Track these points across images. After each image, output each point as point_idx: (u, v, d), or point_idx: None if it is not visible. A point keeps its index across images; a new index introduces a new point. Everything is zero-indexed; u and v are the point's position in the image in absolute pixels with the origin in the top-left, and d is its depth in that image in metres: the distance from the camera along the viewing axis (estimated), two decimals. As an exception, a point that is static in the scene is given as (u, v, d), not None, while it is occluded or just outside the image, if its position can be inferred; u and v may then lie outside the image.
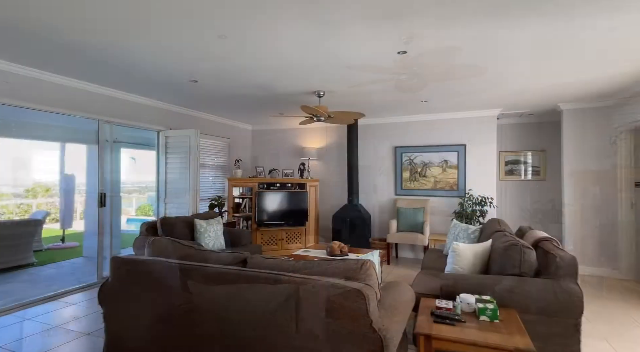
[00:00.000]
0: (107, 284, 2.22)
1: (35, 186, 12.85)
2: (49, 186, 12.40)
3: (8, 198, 12.61)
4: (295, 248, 5.58)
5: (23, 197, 12.56)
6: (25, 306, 3.35)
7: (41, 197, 12.33)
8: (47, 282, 4.54)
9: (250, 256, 2.14)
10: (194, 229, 3.85)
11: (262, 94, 4.24)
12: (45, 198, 12.11)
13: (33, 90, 3.36)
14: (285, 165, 6.56)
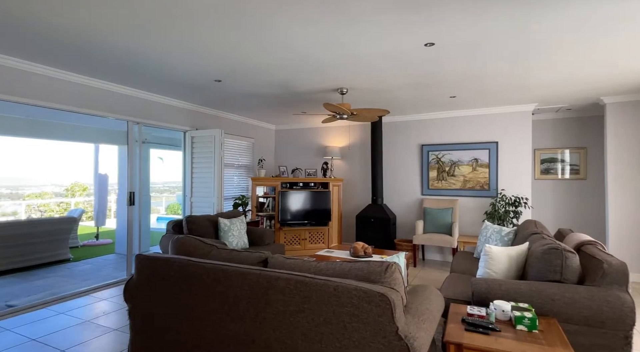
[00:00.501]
0: (132, 281, 2.24)
1: (73, 185, 13.59)
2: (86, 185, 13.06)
3: (50, 197, 13.42)
4: (318, 248, 5.52)
5: (63, 195, 13.32)
6: (61, 300, 3.50)
7: (79, 196, 13.01)
8: (81, 277, 4.74)
9: (271, 256, 2.10)
10: (218, 227, 3.88)
11: (284, 93, 4.21)
12: (83, 197, 12.76)
13: (66, 92, 3.50)
14: (308, 164, 6.52)
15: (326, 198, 5.53)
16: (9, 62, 3.03)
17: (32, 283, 4.39)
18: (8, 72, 3.05)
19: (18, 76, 3.12)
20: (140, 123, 4.31)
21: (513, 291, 2.24)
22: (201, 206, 4.76)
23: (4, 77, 3.03)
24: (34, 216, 10.80)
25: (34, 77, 3.23)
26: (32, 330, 2.77)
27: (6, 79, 3.04)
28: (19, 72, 3.13)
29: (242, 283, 1.84)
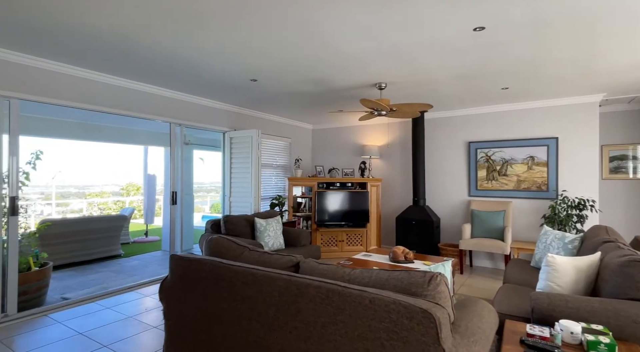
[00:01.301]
0: (167, 281, 2.24)
1: (128, 185, 14.61)
2: (139, 185, 13.97)
3: (108, 196, 14.53)
4: (356, 251, 5.33)
5: (119, 195, 14.37)
6: (109, 295, 3.66)
7: (133, 195, 13.94)
8: (129, 272, 4.98)
9: (303, 260, 1.97)
10: (254, 227, 3.86)
11: (320, 90, 4.09)
12: (137, 196, 13.67)
13: (114, 96, 3.66)
14: (345, 164, 6.35)
15: (364, 199, 5.33)
16: (63, 69, 3.22)
17: (86, 277, 4.69)
18: (63, 78, 3.24)
19: (71, 82, 3.31)
20: (182, 125, 4.43)
21: (583, 309, 1.91)
22: (239, 205, 4.79)
23: (60, 83, 3.22)
24: (94, 213, 11.76)
25: (85, 83, 3.41)
26: (80, 324, 2.91)
27: (61, 85, 3.24)
28: (73, 78, 3.32)
29: (272, 289, 1.74)
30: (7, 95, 2.89)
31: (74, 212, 11.44)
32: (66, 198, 12.73)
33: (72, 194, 13.41)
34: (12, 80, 2.92)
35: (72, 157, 11.49)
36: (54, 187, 11.84)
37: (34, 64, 3.04)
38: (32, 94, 3.03)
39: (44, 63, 3.09)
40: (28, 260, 3.52)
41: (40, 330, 2.77)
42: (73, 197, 13.06)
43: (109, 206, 12.88)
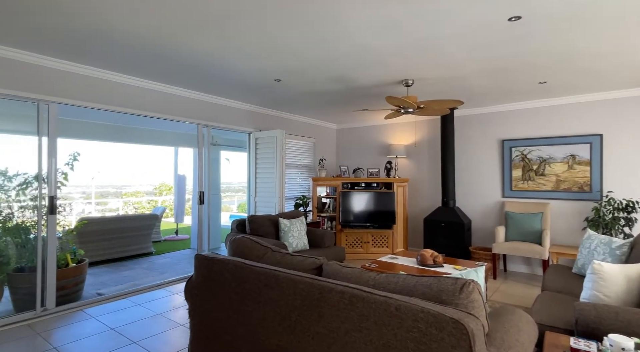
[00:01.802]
0: (192, 280, 2.25)
1: (160, 185, 15.20)
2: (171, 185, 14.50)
3: (142, 195, 15.19)
4: (382, 253, 5.21)
5: (153, 194, 14.99)
6: (140, 292, 3.78)
7: (165, 195, 14.48)
8: (160, 270, 5.14)
9: (326, 263, 1.91)
10: (278, 227, 3.85)
11: (344, 89, 4.01)
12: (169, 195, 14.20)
13: (144, 99, 3.78)
14: (370, 164, 6.23)
15: (390, 199, 5.20)
16: (97, 73, 3.35)
17: (119, 273, 4.88)
18: (97, 83, 3.38)
19: (105, 86, 3.44)
20: (209, 126, 4.50)
21: (636, 323, 1.72)
22: (264, 205, 4.81)
23: (94, 87, 3.36)
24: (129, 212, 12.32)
25: (117, 86, 3.54)
26: (112, 319, 3.01)
27: (96, 89, 3.37)
28: (106, 82, 3.45)
29: (294, 292, 1.69)
30: (46, 99, 3.04)
31: (112, 210, 12.14)
32: (105, 197, 13.46)
33: (110, 194, 14.17)
34: (50, 85, 3.07)
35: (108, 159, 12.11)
36: (93, 187, 12.58)
37: (70, 69, 3.18)
38: (68, 98, 3.18)
39: (80, 68, 3.23)
40: (66, 256, 3.70)
41: (76, 324, 2.89)
42: (111, 197, 13.78)
43: (142, 205, 13.47)
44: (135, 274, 4.85)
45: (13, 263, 3.43)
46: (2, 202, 3.56)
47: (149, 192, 15.39)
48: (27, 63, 2.92)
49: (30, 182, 3.45)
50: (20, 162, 3.63)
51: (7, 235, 3.48)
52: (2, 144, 3.62)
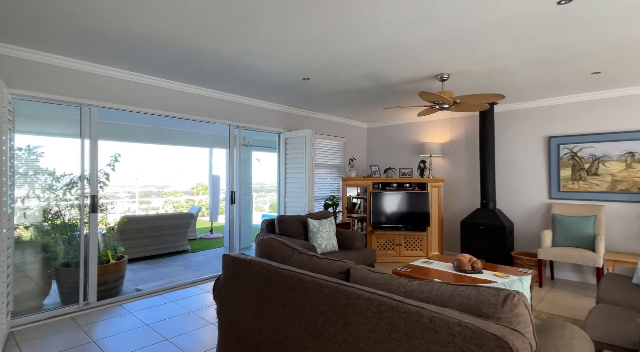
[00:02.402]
0: (220, 280, 2.25)
1: (197, 185, 15.82)
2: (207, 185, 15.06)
3: (180, 195, 15.89)
4: (415, 256, 5.00)
5: (190, 194, 15.65)
6: (174, 289, 3.89)
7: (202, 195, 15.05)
8: (194, 267, 5.29)
9: (354, 267, 1.82)
10: (307, 228, 3.80)
11: (374, 86, 3.88)
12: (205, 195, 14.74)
13: (178, 101, 3.89)
14: (402, 163, 6.02)
15: (424, 200, 4.98)
16: (134, 77, 3.49)
17: (157, 270, 5.08)
18: (134, 86, 3.52)
19: (142, 89, 3.58)
20: (239, 127, 4.56)
21: None
22: (294, 205, 4.79)
23: (132, 91, 3.50)
24: (169, 211, 12.93)
25: (153, 89, 3.67)
26: (147, 315, 3.10)
27: (133, 92, 3.51)
28: (143, 85, 3.58)
29: (320, 297, 1.62)
30: (87, 103, 3.20)
31: (154, 209, 12.82)
32: (148, 196, 14.25)
33: (153, 193, 15.00)
34: (91, 89, 3.23)
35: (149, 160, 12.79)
36: (137, 186, 13.37)
37: (108, 73, 3.33)
38: (108, 102, 3.33)
39: (117, 72, 3.38)
40: (107, 253, 3.89)
41: (114, 319, 3.01)
42: (154, 196, 14.56)
43: (181, 204, 14.10)
44: (172, 271, 5.02)
45: (60, 258, 3.66)
46: (50, 200, 3.82)
47: (187, 192, 16.11)
48: (70, 69, 3.09)
49: (75, 182, 3.67)
50: (67, 164, 3.88)
51: (55, 232, 3.73)
52: (51, 147, 3.89)
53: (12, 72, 2.77)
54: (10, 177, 2.64)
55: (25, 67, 2.83)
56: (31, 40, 2.65)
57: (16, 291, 3.13)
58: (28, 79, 2.85)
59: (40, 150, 3.65)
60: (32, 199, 3.75)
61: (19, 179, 3.60)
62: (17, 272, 3.32)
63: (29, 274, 3.54)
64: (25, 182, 3.63)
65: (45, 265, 3.66)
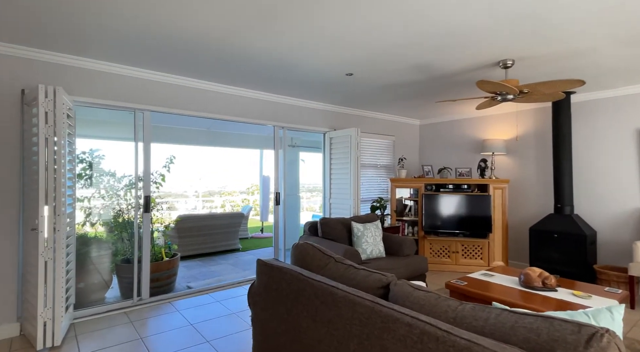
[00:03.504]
0: (254, 286, 2.16)
1: (251, 185, 16.47)
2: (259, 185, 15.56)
3: (237, 195, 16.66)
4: (475, 266, 4.52)
5: (246, 194, 16.36)
6: (221, 288, 3.94)
7: (256, 194, 15.62)
8: (243, 266, 5.38)
9: (395, 282, 1.59)
10: (351, 232, 3.60)
11: (425, 78, 3.54)
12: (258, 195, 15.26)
13: (227, 103, 3.94)
14: (459, 163, 5.51)
15: (485, 203, 4.47)
16: (183, 82, 3.60)
17: (208, 268, 5.25)
18: (183, 90, 3.63)
19: (190, 93, 3.68)
20: (284, 127, 4.51)
21: None
22: (339, 207, 4.62)
23: (181, 95, 3.61)
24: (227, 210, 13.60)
25: (201, 93, 3.76)
26: (193, 314, 3.16)
27: (182, 96, 3.63)
28: (191, 90, 3.69)
29: (352, 315, 1.42)
30: (140, 107, 3.37)
31: (214, 208, 13.65)
32: (212, 195, 15.21)
33: (215, 193, 15.99)
34: (143, 94, 3.39)
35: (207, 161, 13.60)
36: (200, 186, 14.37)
37: (159, 79, 3.47)
38: (159, 106, 3.47)
39: (167, 77, 3.50)
40: (161, 251, 4.08)
41: (162, 317, 3.10)
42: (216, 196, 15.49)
43: (237, 203, 14.79)
44: (222, 269, 5.16)
45: (120, 255, 3.93)
46: (113, 200, 4.12)
47: (242, 192, 16.88)
48: (124, 75, 3.26)
49: (133, 183, 3.91)
50: (126, 166, 4.15)
51: (117, 229, 4.01)
52: (112, 150, 4.20)
53: (72, 80, 2.99)
54: (71, 178, 2.85)
55: (83, 75, 3.05)
56: (88, 49, 2.83)
57: (81, 285, 3.40)
58: (86, 86, 3.06)
59: (101, 153, 3.96)
60: (97, 199, 4.08)
61: (87, 180, 3.93)
62: (82, 266, 3.61)
63: (93, 269, 3.85)
64: (90, 184, 3.96)
65: (107, 260, 3.96)
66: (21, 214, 2.73)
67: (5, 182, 2.68)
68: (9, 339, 2.62)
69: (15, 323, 2.67)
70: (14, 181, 2.71)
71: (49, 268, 2.43)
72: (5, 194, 2.68)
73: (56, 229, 2.47)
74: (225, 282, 4.14)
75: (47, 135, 2.44)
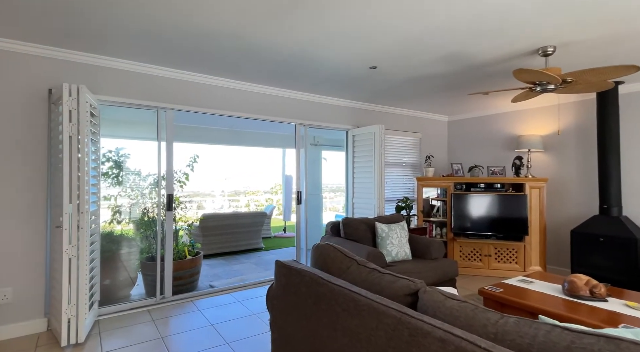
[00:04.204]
0: (272, 288, 2.07)
1: (275, 185, 16.57)
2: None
3: (261, 194, 16.83)
4: (509, 271, 4.22)
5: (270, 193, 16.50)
6: (243, 288, 3.90)
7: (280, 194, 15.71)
8: (265, 266, 5.34)
9: (424, 289, 1.44)
10: (375, 233, 3.44)
11: (455, 69, 3.32)
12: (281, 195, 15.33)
13: (247, 102, 3.89)
14: (491, 160, 5.19)
15: (520, 204, 4.17)
16: (204, 80, 3.58)
17: (231, 267, 5.25)
18: (203, 88, 3.61)
19: (211, 91, 3.66)
20: (305, 125, 4.42)
21: None
22: (362, 207, 4.46)
23: (199, 93, 3.60)
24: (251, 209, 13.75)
25: (222, 91, 3.73)
26: (214, 314, 3.12)
27: (201, 94, 3.61)
28: (212, 87, 3.66)
29: (377, 326, 1.28)
30: (162, 106, 3.37)
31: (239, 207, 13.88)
32: (238, 195, 15.46)
33: (241, 192, 16.26)
34: (165, 93, 3.39)
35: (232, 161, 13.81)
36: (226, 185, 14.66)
37: (180, 77, 3.46)
38: (181, 104, 3.47)
39: (189, 76, 3.49)
40: (184, 249, 4.10)
41: (184, 316, 3.08)
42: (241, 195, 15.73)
43: (261, 202, 14.92)
44: (244, 269, 5.14)
45: (145, 252, 3.97)
46: (138, 198, 4.18)
47: (266, 191, 17.04)
48: (147, 74, 3.27)
49: (158, 182, 3.94)
50: (151, 165, 4.20)
51: (142, 227, 4.06)
52: (138, 149, 4.26)
53: (97, 79, 3.03)
54: (95, 176, 2.88)
55: (108, 74, 3.08)
56: (112, 48, 2.85)
57: (106, 281, 3.45)
58: (110, 85, 3.09)
59: (126, 151, 4.02)
60: (124, 197, 4.15)
61: (114, 179, 4.00)
62: (109, 263, 3.67)
63: (120, 266, 3.91)
64: (117, 183, 4.03)
65: (134, 258, 4.02)
66: (49, 211, 2.79)
67: (35, 180, 2.75)
68: (37, 334, 2.68)
69: (43, 318, 2.73)
70: (42, 179, 2.77)
71: (73, 265, 2.46)
72: (34, 191, 2.74)
73: (80, 227, 2.49)
74: (247, 282, 4.10)
75: (71, 133, 2.47)
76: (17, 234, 2.67)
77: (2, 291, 2.60)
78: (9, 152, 2.66)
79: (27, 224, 2.71)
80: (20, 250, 2.68)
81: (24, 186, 2.71)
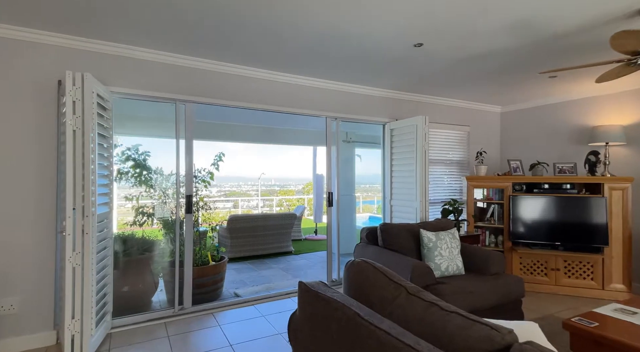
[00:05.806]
0: (295, 316, 1.65)
1: (307, 184, 16.31)
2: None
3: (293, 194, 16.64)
4: (582, 288, 3.51)
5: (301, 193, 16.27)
6: (269, 299, 3.53)
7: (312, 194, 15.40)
8: (295, 272, 4.96)
9: (518, 347, 0.94)
10: (420, 242, 2.92)
11: (521, 43, 2.72)
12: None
13: (273, 93, 3.52)
14: (557, 156, 4.44)
15: (597, 208, 3.45)
16: (225, 68, 3.25)
17: (259, 272, 4.93)
18: (222, 77, 3.28)
19: (232, 82, 3.32)
20: (337, 118, 3.97)
21: None
22: (402, 210, 3.94)
23: (221, 84, 3.27)
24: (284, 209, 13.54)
25: (243, 81, 3.38)
26: (234, 332, 2.77)
27: (223, 86, 3.28)
28: (233, 77, 3.33)
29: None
30: (181, 99, 3.08)
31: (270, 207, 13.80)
32: (272, 194, 15.40)
33: (275, 191, 16.19)
34: (184, 84, 3.09)
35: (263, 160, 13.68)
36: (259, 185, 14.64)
37: (200, 66, 3.15)
38: (200, 96, 3.16)
39: (208, 64, 3.17)
40: (207, 254, 3.80)
41: (201, 332, 2.76)
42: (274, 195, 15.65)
43: (293, 202, 14.70)
44: (272, 274, 4.80)
45: (167, 257, 3.72)
46: (161, 199, 3.95)
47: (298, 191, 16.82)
48: (162, 63, 2.99)
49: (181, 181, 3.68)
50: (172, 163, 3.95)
51: (165, 229, 3.82)
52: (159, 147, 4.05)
53: (110, 69, 2.78)
54: (107, 176, 2.62)
55: (120, 63, 2.82)
56: (122, 34, 2.58)
57: (125, 288, 3.22)
58: (123, 74, 2.83)
59: (145, 149, 3.79)
60: (145, 198, 3.94)
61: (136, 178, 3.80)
62: (129, 269, 3.45)
63: (143, 271, 3.69)
64: (139, 182, 3.82)
65: (157, 261, 3.78)
66: (59, 214, 2.57)
67: (43, 181, 2.54)
68: (45, 347, 2.46)
69: (52, 331, 2.52)
70: (52, 179, 2.56)
71: (77, 275, 2.19)
72: (44, 193, 2.53)
73: (85, 232, 2.22)
74: (274, 292, 3.73)
75: (75, 127, 2.21)
76: (26, 239, 2.47)
77: (9, 301, 2.40)
78: (18, 149, 2.47)
79: (37, 227, 2.50)
80: (29, 256, 2.48)
81: (34, 186, 2.50)
